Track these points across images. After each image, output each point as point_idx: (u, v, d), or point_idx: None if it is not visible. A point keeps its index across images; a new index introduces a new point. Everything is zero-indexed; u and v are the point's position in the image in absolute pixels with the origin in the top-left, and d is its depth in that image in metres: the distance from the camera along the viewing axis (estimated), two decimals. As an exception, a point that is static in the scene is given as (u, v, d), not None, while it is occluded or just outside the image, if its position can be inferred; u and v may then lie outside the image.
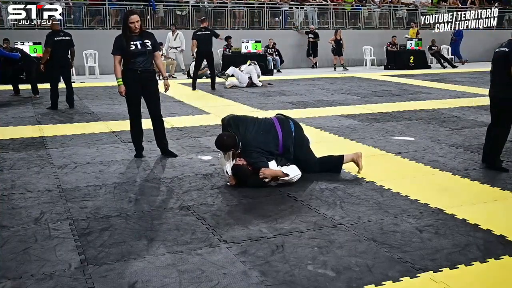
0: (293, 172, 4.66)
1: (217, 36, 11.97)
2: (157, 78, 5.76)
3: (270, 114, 8.30)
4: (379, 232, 3.64)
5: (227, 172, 4.75)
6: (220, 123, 4.89)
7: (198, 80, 14.13)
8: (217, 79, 12.40)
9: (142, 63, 5.42)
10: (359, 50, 19.00)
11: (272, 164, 4.72)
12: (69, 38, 9.08)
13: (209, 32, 11.63)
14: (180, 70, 15.84)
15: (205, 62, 15.04)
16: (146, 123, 5.86)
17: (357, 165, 5.09)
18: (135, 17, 5.36)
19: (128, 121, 5.83)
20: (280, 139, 4.78)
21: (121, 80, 5.44)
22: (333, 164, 5.10)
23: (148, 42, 5.44)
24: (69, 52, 9.22)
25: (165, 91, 5.75)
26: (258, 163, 4.61)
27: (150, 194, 4.53)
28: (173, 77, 14.80)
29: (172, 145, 6.09)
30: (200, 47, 11.55)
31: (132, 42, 5.36)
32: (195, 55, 11.87)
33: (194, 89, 11.74)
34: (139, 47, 5.39)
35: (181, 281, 2.94)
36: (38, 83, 10.73)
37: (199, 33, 11.61)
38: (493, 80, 5.21)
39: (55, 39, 8.87)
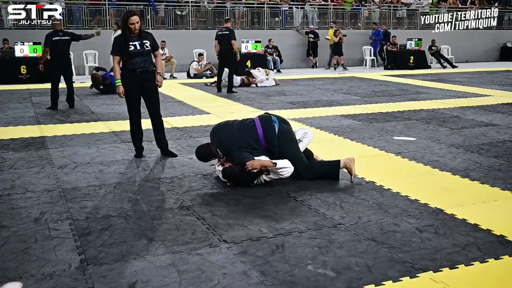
0: (283, 163, 4.56)
1: (231, 38, 11.09)
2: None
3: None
4: (379, 232, 3.64)
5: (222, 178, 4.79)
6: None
7: (198, 80, 14.16)
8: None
9: (141, 63, 5.43)
10: (359, 50, 19.01)
11: (263, 158, 4.65)
12: (69, 37, 9.03)
13: (227, 33, 11.14)
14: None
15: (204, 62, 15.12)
16: (146, 123, 5.86)
17: (350, 171, 4.83)
18: (135, 18, 5.36)
19: (128, 121, 5.83)
20: (260, 133, 4.66)
21: (119, 81, 5.45)
22: (330, 168, 4.86)
23: (147, 43, 5.45)
24: (79, 38, 9.28)
25: (158, 86, 5.69)
26: (242, 160, 4.55)
27: (150, 194, 4.53)
28: (174, 77, 14.80)
29: (172, 145, 6.09)
30: (221, 48, 11.26)
31: (131, 43, 5.37)
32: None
33: (219, 90, 11.51)
34: (138, 47, 5.39)
35: (181, 281, 2.94)
36: (40, 83, 10.65)
37: (220, 33, 11.35)
38: None
39: (54, 39, 8.84)
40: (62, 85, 9.14)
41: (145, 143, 5.98)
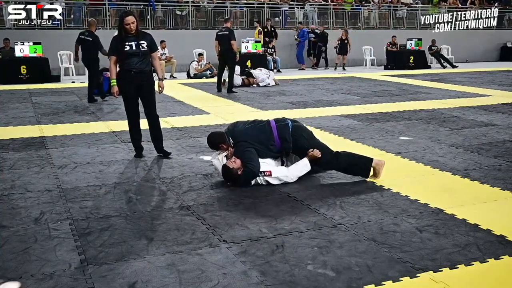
0: (279, 172, 4.66)
1: (231, 38, 11.06)
2: (154, 78, 5.75)
3: (270, 114, 8.33)
4: (379, 232, 3.64)
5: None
6: (220, 123, 4.93)
7: (198, 80, 14.16)
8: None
9: (136, 64, 5.41)
10: (359, 50, 19.00)
11: (271, 163, 4.73)
12: (90, 39, 9.80)
13: (227, 33, 11.12)
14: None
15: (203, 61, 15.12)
16: (146, 123, 5.85)
17: (376, 173, 4.83)
18: (130, 18, 5.35)
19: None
20: (274, 131, 4.74)
21: (115, 81, 5.46)
22: (361, 163, 4.84)
23: (144, 43, 5.43)
24: (98, 52, 9.90)
25: (159, 92, 5.73)
26: (244, 155, 4.58)
27: (150, 194, 4.53)
28: (174, 77, 14.80)
29: (172, 145, 6.09)
30: (221, 48, 11.25)
31: (127, 43, 5.36)
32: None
33: (219, 90, 11.51)
34: (134, 48, 5.38)
35: (181, 281, 2.94)
36: (40, 83, 10.87)
37: (220, 33, 11.34)
38: None
39: (80, 37, 9.88)
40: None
41: (145, 143, 5.98)
